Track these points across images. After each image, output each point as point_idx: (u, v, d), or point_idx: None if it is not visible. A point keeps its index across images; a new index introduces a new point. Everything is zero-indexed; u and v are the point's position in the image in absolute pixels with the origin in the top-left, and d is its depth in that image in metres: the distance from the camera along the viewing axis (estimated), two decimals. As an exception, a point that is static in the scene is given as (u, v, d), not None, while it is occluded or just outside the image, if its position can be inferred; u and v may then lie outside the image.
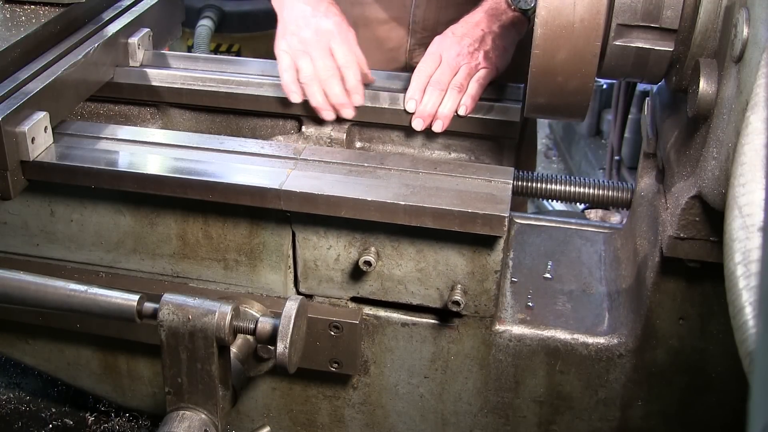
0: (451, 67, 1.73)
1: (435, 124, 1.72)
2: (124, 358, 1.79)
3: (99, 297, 1.32)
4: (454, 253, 1.49)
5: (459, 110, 1.70)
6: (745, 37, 1.09)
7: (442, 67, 1.73)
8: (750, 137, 0.92)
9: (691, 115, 1.29)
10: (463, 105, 1.70)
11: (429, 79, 1.72)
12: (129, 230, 1.62)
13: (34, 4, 1.73)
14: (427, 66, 1.74)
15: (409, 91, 1.73)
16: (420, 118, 1.72)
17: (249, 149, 1.60)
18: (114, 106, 1.92)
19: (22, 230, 1.68)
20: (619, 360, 1.56)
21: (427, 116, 1.71)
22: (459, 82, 1.71)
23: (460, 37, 1.77)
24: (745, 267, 0.81)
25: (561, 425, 1.66)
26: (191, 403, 1.35)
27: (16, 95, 1.48)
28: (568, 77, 1.33)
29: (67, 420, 1.93)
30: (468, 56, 1.74)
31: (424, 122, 1.72)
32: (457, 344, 1.60)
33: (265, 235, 1.56)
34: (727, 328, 0.98)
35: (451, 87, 1.71)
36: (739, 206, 0.89)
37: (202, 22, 4.17)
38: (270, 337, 1.31)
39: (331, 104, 1.74)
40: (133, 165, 1.53)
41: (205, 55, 3.49)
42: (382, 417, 1.72)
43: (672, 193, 1.37)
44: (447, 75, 1.72)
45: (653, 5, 1.28)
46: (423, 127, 1.73)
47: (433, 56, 1.75)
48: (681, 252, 1.36)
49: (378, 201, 1.43)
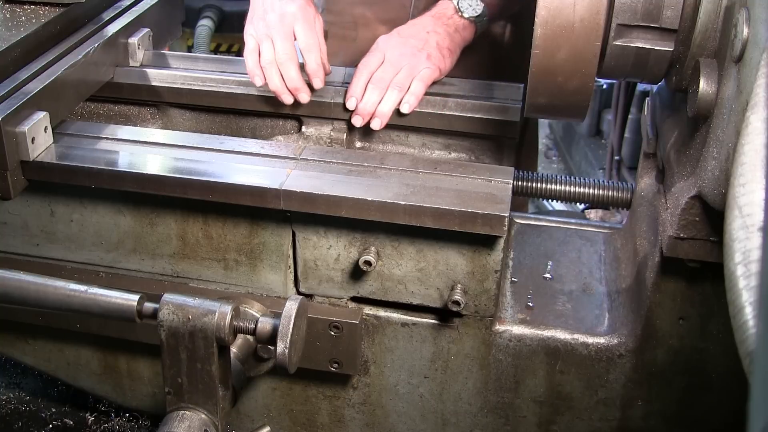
0: (393, 65, 1.74)
1: (373, 122, 1.73)
2: (124, 358, 1.79)
3: (99, 297, 1.32)
4: (454, 253, 1.49)
5: (402, 108, 1.72)
6: (745, 37, 1.09)
7: (384, 65, 1.75)
8: (750, 137, 0.92)
9: (691, 115, 1.29)
10: (405, 103, 1.71)
11: (371, 77, 1.73)
12: (129, 230, 1.62)
13: (34, 4, 1.73)
14: (370, 64, 1.76)
15: (350, 89, 1.74)
16: (359, 116, 1.73)
17: (249, 149, 1.60)
18: (114, 106, 1.92)
19: (22, 230, 1.68)
20: (619, 360, 1.56)
21: (366, 114, 1.72)
22: (401, 80, 1.72)
23: (405, 37, 1.79)
24: (745, 267, 0.81)
25: (561, 425, 1.66)
26: (191, 403, 1.35)
27: (16, 95, 1.48)
28: (568, 77, 1.33)
29: (67, 420, 1.93)
30: (411, 56, 1.75)
31: (363, 119, 1.73)
32: (457, 344, 1.60)
33: (265, 235, 1.56)
34: (727, 328, 0.98)
35: (392, 86, 1.72)
36: (739, 206, 0.89)
37: (202, 22, 4.18)
38: (270, 337, 1.31)
39: (288, 88, 1.75)
40: (133, 165, 1.53)
41: (205, 55, 3.50)
42: (382, 417, 1.72)
43: (672, 193, 1.37)
44: (389, 73, 1.73)
45: (653, 5, 1.28)
46: (362, 124, 1.73)
47: (377, 54, 1.77)
48: (681, 252, 1.36)
49: (378, 201, 1.43)
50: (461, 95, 1.77)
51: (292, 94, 1.76)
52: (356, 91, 1.73)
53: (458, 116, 1.73)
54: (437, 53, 1.78)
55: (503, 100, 1.75)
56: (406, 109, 1.72)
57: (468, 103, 1.74)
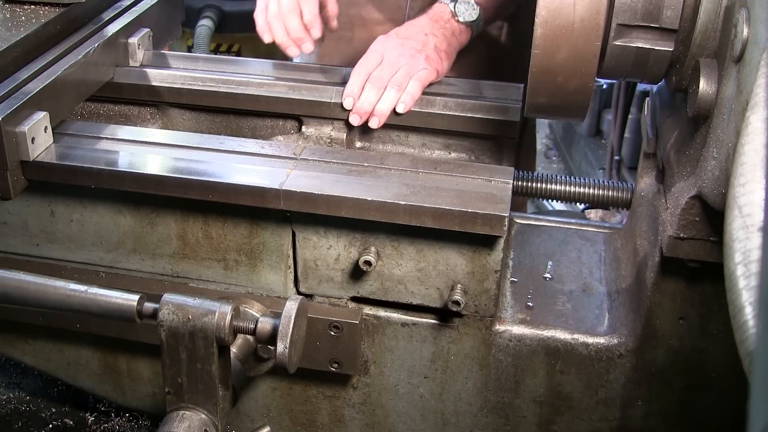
0: (392, 65, 1.74)
1: (371, 121, 1.73)
2: (124, 358, 1.79)
3: (99, 297, 1.32)
4: (454, 253, 1.49)
5: (398, 108, 1.72)
6: (745, 37, 1.09)
7: (382, 65, 1.75)
8: (750, 137, 0.92)
9: (691, 115, 1.29)
10: (401, 103, 1.71)
11: (368, 77, 1.74)
12: (129, 230, 1.62)
13: (34, 4, 1.73)
14: (368, 63, 1.76)
15: (347, 87, 1.74)
16: (357, 114, 1.73)
17: (249, 149, 1.60)
18: (114, 106, 1.92)
19: (22, 230, 1.68)
20: (619, 360, 1.56)
21: (363, 113, 1.72)
22: (399, 80, 1.72)
23: (403, 38, 1.80)
24: (745, 267, 0.81)
25: (561, 425, 1.66)
26: (191, 403, 1.35)
27: (16, 95, 1.48)
28: (568, 77, 1.33)
29: (67, 420, 1.93)
30: (410, 57, 1.75)
31: (360, 118, 1.73)
32: (457, 344, 1.60)
33: (265, 235, 1.56)
34: (727, 328, 0.98)
35: (390, 85, 1.72)
36: (739, 206, 0.89)
37: (202, 22, 4.17)
38: (270, 337, 1.31)
39: (292, 39, 1.83)
40: (133, 165, 1.53)
41: (205, 55, 3.50)
42: (382, 417, 1.72)
43: (672, 193, 1.37)
44: (387, 73, 1.73)
45: (653, 5, 1.28)
46: (359, 123, 1.74)
47: (375, 54, 1.77)
48: (681, 252, 1.36)
49: (378, 201, 1.43)
50: (461, 95, 1.77)
51: (296, 45, 1.83)
52: (353, 90, 1.73)
53: (458, 116, 1.73)
54: (435, 55, 1.78)
55: (503, 100, 1.75)
56: (402, 108, 1.72)
57: (468, 103, 1.74)
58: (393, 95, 1.71)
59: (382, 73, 1.73)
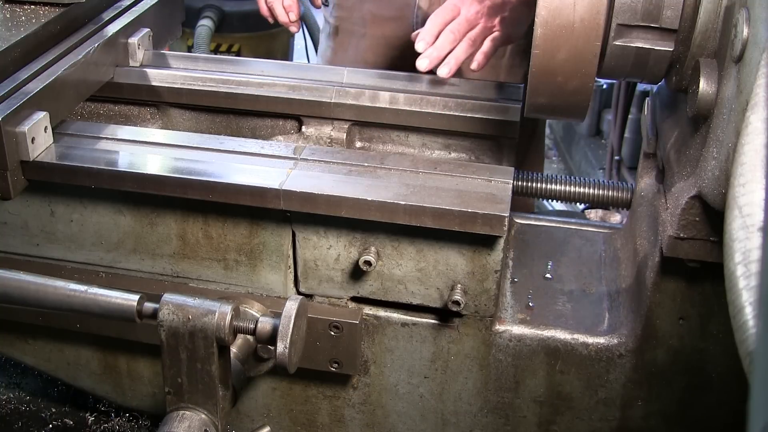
0: (468, 21, 1.70)
1: (441, 68, 1.68)
2: (124, 358, 1.79)
3: (99, 297, 1.32)
4: (454, 253, 1.49)
5: (471, 65, 1.67)
6: (745, 37, 1.09)
7: (459, 19, 1.71)
8: (750, 137, 0.92)
9: (691, 115, 1.29)
10: (475, 60, 1.67)
11: (443, 26, 1.70)
12: (129, 230, 1.62)
13: (34, 4, 1.73)
14: (444, 14, 1.72)
15: (421, 33, 1.69)
16: (427, 59, 1.68)
17: (249, 149, 1.60)
18: (114, 106, 1.92)
19: (22, 230, 1.68)
20: (619, 360, 1.56)
21: (435, 58, 1.67)
22: (474, 35, 1.68)
23: None
24: (745, 267, 0.81)
25: (561, 425, 1.66)
26: (191, 403, 1.35)
27: (16, 95, 1.48)
28: (568, 77, 1.33)
29: (67, 420, 1.93)
30: (486, 17, 1.71)
31: (430, 63, 1.68)
32: (457, 344, 1.60)
33: (265, 235, 1.56)
34: (727, 328, 0.98)
35: (466, 38, 1.68)
36: (739, 206, 0.89)
37: (202, 22, 4.18)
38: (270, 337, 1.31)
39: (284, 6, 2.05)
40: (133, 165, 1.53)
41: (205, 55, 3.50)
42: (382, 417, 1.72)
43: (672, 193, 1.37)
44: (464, 26, 1.69)
45: (653, 5, 1.28)
46: (428, 68, 1.69)
47: (452, 7, 1.73)
48: (681, 252, 1.36)
49: (378, 201, 1.43)
50: (461, 95, 1.76)
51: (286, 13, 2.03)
52: (427, 37, 1.68)
53: (458, 116, 1.73)
54: (510, 19, 1.74)
55: (503, 100, 1.75)
56: (475, 66, 1.67)
57: (468, 103, 1.74)
58: (467, 47, 1.67)
59: (459, 26, 1.69)
